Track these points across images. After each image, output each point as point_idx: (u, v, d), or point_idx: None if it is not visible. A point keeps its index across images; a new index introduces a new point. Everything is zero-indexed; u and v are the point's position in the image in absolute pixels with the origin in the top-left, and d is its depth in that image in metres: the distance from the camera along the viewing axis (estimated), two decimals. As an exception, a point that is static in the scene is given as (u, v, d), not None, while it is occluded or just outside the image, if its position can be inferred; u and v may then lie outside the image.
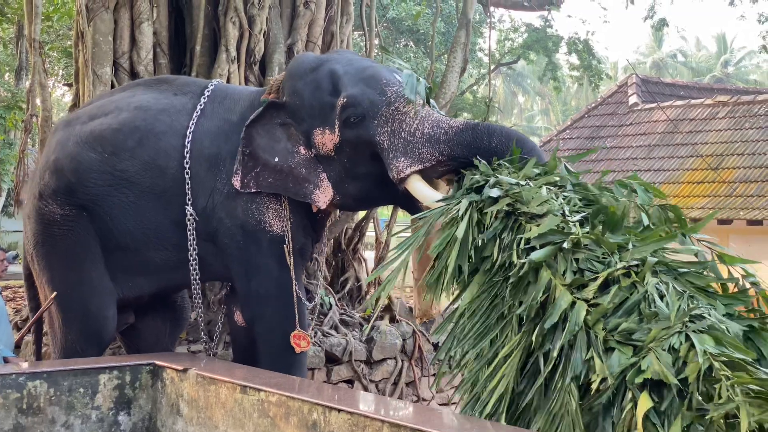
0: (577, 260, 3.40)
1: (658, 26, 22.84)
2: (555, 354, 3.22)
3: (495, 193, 3.81)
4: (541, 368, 3.29)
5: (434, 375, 7.57)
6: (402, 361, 7.16)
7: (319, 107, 4.68)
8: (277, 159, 4.72)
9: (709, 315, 3.06)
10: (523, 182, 3.90)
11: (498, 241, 3.68)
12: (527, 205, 3.68)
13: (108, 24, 6.85)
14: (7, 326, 5.49)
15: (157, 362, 4.33)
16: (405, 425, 3.11)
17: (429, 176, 4.53)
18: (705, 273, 3.43)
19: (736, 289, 3.44)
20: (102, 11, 6.81)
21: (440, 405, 7.41)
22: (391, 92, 4.56)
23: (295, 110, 4.74)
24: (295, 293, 4.90)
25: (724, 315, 3.20)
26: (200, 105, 5.03)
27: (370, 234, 8.61)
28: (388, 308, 7.51)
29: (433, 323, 7.53)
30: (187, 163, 4.87)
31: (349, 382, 6.76)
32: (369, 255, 8.48)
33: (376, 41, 9.28)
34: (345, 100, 4.57)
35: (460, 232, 3.75)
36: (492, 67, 28.00)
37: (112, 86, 6.82)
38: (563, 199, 3.79)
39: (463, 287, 3.79)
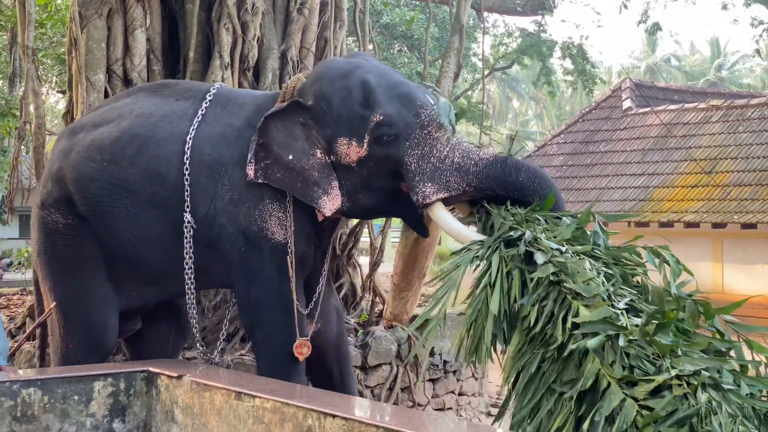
0: (626, 354, 3.41)
1: (652, 30, 22.87)
2: None
3: (540, 259, 3.79)
4: None
5: (430, 380, 7.56)
6: (397, 366, 7.16)
7: (347, 116, 4.60)
8: (291, 156, 4.65)
9: None
10: (563, 248, 3.91)
11: (538, 307, 3.69)
12: (572, 278, 3.69)
13: (101, 31, 6.84)
14: (1, 334, 5.48)
15: (152, 369, 4.33)
16: (400, 430, 3.12)
17: (449, 203, 4.56)
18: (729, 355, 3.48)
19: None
20: (95, 18, 6.80)
21: (436, 410, 7.41)
22: (425, 115, 4.54)
23: (321, 114, 4.66)
24: (295, 302, 4.89)
25: (747, 395, 3.26)
26: (201, 110, 4.99)
27: (364, 239, 8.60)
28: (383, 314, 7.52)
29: (425, 328, 7.53)
30: (186, 169, 4.83)
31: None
32: (363, 260, 8.49)
33: (370, 47, 9.28)
34: (381, 118, 4.51)
35: (494, 305, 3.76)
36: (486, 72, 28.05)
37: (106, 93, 6.82)
38: (605, 276, 3.81)
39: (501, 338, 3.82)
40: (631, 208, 16.70)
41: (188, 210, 4.81)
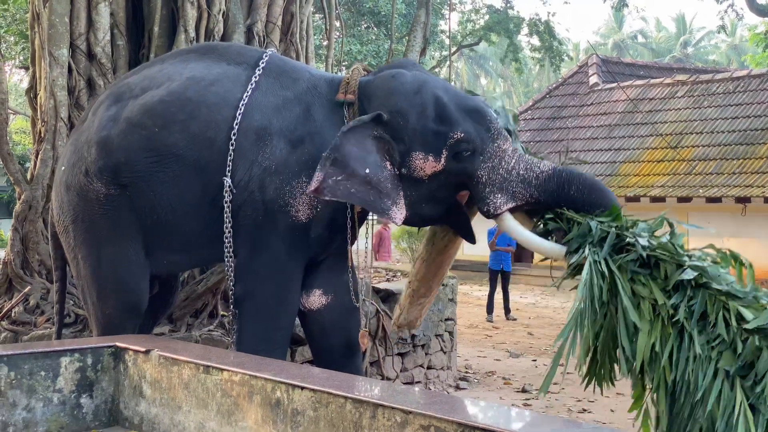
0: None
1: (618, 7, 23.02)
2: None
3: (689, 274, 3.94)
4: None
5: (399, 354, 7.59)
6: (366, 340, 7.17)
7: (421, 132, 4.70)
8: (368, 170, 4.65)
9: None
10: (689, 253, 4.11)
11: (685, 307, 3.88)
12: (716, 281, 3.91)
13: (64, 5, 6.75)
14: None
15: (119, 344, 4.31)
16: (368, 401, 3.13)
17: (512, 212, 4.72)
18: None
19: None
20: (58, -8, 6.72)
21: (404, 384, 7.45)
22: (494, 129, 4.73)
23: (397, 129, 4.72)
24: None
25: None
26: (255, 77, 4.97)
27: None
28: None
29: (397, 303, 7.54)
30: (234, 134, 4.81)
31: (313, 362, 6.77)
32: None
33: (337, 23, 9.25)
34: (461, 135, 4.65)
35: (632, 315, 3.92)
36: (454, 49, 28.05)
37: (69, 68, 6.75)
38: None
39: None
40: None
41: (229, 174, 4.80)
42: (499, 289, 14.04)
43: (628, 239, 4.18)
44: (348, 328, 5.23)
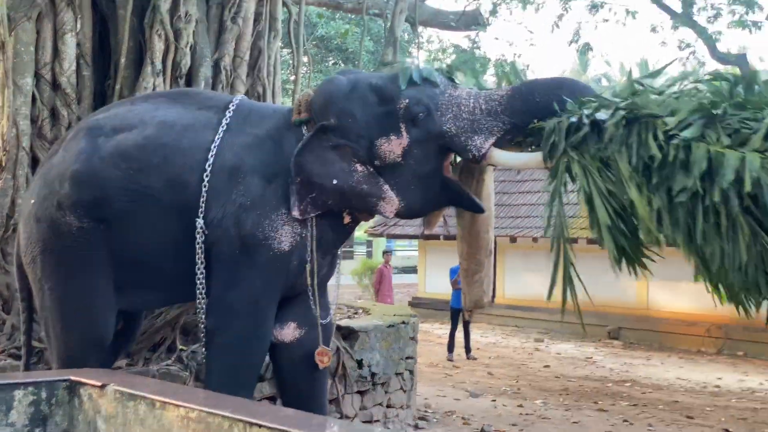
0: (727, 126, 3.64)
1: (583, 50, 23.35)
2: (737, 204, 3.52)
3: (603, 116, 4.11)
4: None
5: (358, 392, 7.55)
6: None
7: (373, 120, 4.81)
8: (335, 181, 4.78)
9: None
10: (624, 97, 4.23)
11: (626, 147, 3.95)
12: (647, 108, 3.97)
13: (30, 34, 6.73)
14: None
15: (74, 378, 4.24)
16: (326, 440, 3.11)
17: (498, 147, 4.77)
18: None
19: None
20: (24, 21, 6.69)
21: (364, 423, 7.40)
22: (438, 82, 4.85)
23: (350, 129, 4.82)
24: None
25: None
26: (225, 119, 5.05)
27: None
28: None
29: (358, 340, 7.52)
30: (206, 175, 4.86)
31: (272, 399, 6.71)
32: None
33: (305, 59, 9.28)
34: (407, 101, 4.76)
35: (603, 216, 4.05)
36: (420, 87, 28.23)
37: (33, 98, 6.71)
38: (674, 96, 4.09)
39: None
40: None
41: (201, 215, 4.84)
42: (460, 328, 14.05)
43: (579, 115, 4.30)
44: (316, 368, 5.22)
